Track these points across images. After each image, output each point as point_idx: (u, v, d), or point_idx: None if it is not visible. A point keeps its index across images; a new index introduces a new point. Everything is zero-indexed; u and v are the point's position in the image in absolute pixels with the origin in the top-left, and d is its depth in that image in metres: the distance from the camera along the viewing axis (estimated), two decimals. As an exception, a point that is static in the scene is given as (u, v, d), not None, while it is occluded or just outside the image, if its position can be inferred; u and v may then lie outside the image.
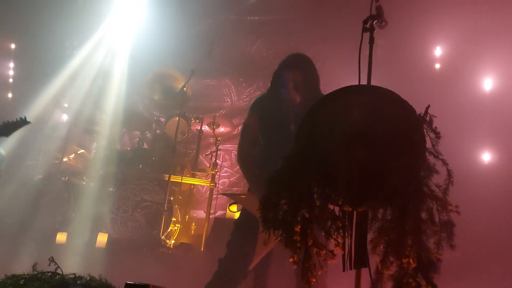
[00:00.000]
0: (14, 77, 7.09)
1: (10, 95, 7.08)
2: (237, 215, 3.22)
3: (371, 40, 1.90)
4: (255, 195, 2.57)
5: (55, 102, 5.43)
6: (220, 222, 4.23)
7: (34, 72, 6.73)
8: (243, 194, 3.02)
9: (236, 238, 2.74)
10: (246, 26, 6.55)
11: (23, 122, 2.68)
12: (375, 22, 1.89)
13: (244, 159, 2.81)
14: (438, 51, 5.32)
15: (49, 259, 1.75)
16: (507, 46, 4.82)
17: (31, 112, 6.08)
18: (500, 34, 4.83)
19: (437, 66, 5.30)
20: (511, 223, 4.15)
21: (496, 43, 4.87)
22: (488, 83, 5.00)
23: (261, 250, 2.48)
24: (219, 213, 5.47)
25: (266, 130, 2.76)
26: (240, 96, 6.54)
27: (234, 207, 2.88)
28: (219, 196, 5.36)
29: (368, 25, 1.86)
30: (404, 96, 1.75)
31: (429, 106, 1.73)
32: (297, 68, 2.74)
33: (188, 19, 6.54)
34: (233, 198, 3.09)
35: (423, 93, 4.46)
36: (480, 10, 4.86)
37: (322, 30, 5.83)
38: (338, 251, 1.69)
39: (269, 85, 2.85)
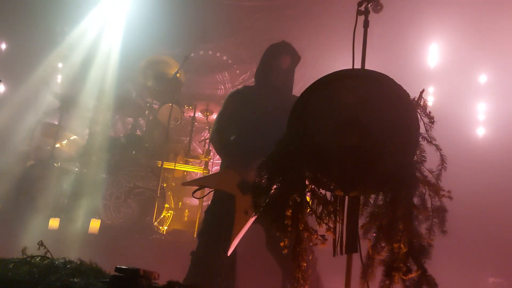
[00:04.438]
0: (4, 63, 6.98)
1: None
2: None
3: (366, 24, 1.87)
4: (232, 170, 2.50)
5: (47, 88, 5.36)
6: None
7: (25, 58, 6.63)
8: (212, 175, 2.87)
9: (213, 225, 2.63)
10: (240, 11, 6.48)
11: None
12: (370, 5, 1.86)
13: (221, 134, 2.73)
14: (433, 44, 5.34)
15: (38, 243, 1.73)
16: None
17: (23, 98, 6.02)
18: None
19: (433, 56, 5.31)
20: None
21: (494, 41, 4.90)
22: (483, 77, 5.04)
23: (242, 220, 2.37)
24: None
25: (245, 112, 2.72)
26: (234, 83, 6.50)
27: (198, 194, 2.76)
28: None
29: (362, 8, 1.83)
30: (398, 80, 1.73)
31: (423, 90, 1.72)
32: (282, 56, 2.75)
33: (182, 5, 6.46)
34: (199, 183, 2.79)
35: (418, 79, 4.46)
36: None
37: (317, 15, 5.77)
38: (329, 236, 1.68)
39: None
